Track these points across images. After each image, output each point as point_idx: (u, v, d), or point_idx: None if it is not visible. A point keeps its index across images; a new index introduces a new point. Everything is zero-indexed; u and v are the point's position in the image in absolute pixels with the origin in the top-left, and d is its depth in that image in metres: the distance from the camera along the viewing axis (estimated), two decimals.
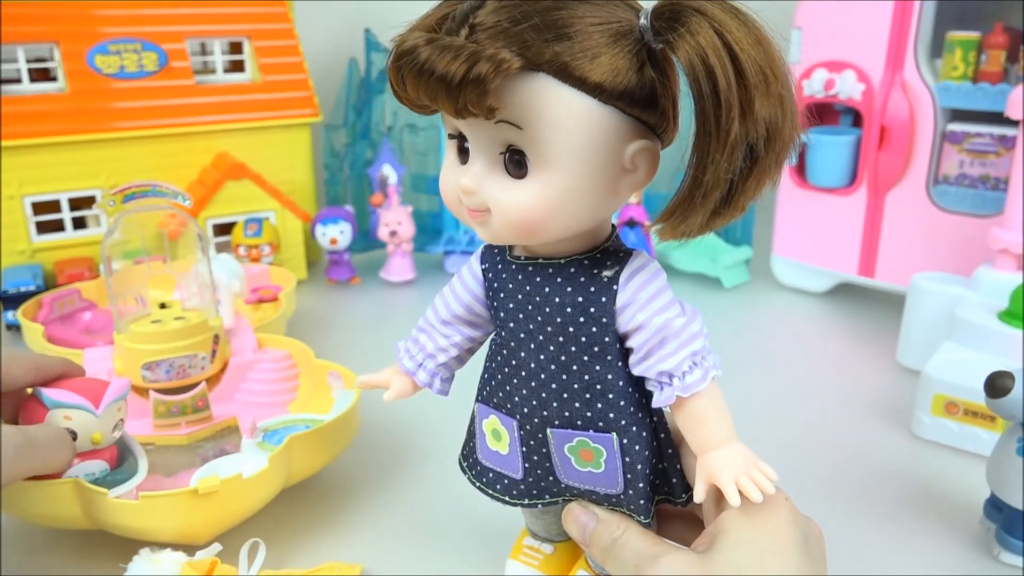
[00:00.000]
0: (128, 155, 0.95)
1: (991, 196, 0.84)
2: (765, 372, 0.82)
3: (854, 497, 0.60)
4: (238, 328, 0.73)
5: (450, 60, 0.32)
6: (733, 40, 0.32)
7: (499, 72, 0.32)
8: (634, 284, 0.38)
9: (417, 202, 1.10)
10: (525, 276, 0.40)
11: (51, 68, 0.95)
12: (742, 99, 0.32)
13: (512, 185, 0.36)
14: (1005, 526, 0.52)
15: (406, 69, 0.33)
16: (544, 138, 0.34)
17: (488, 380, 0.42)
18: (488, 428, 0.43)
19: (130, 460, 0.56)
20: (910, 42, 0.84)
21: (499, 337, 0.42)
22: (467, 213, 0.38)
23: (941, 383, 0.65)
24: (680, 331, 0.38)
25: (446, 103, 0.33)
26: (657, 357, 0.38)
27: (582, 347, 0.39)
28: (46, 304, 0.81)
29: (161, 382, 0.64)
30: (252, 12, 1.05)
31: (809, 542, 0.37)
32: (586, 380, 0.39)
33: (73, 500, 0.49)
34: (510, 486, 0.44)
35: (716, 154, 0.32)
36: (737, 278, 1.04)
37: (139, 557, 0.46)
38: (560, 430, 0.40)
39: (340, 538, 0.56)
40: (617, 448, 0.39)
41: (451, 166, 0.38)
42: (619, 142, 0.35)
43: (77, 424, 0.51)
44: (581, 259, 0.39)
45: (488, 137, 0.36)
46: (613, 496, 0.41)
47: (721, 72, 0.32)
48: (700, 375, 0.38)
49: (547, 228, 0.37)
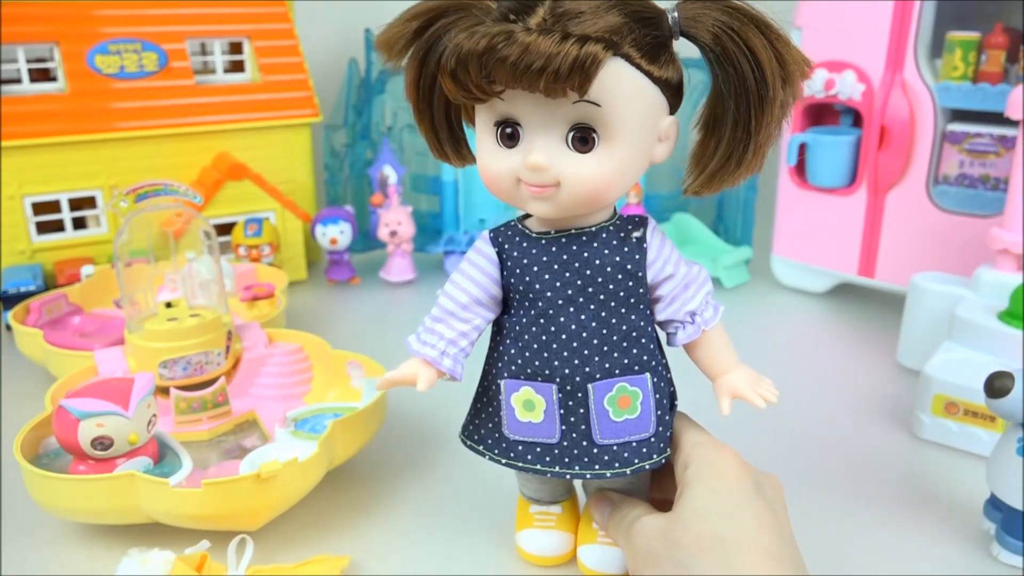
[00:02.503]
0: (128, 155, 0.95)
1: (991, 196, 0.84)
2: (765, 372, 0.81)
3: (854, 497, 0.60)
4: (247, 324, 0.73)
5: (555, 48, 0.35)
6: (753, 14, 0.38)
7: (603, 58, 0.36)
8: (657, 241, 0.45)
9: (417, 202, 1.10)
10: (559, 247, 0.44)
11: (51, 68, 0.95)
12: (782, 66, 0.38)
13: (581, 159, 0.40)
14: (1005, 526, 0.52)
15: (495, 59, 0.36)
16: (616, 114, 0.39)
17: (517, 355, 0.45)
18: (519, 401, 0.46)
19: (169, 455, 0.57)
20: (910, 42, 0.84)
21: (531, 311, 0.45)
22: (529, 191, 0.41)
23: (941, 383, 0.65)
24: (697, 276, 0.46)
25: (545, 86, 0.36)
26: (683, 300, 0.46)
27: (620, 300, 0.44)
28: (34, 309, 0.81)
29: (178, 379, 0.65)
30: (252, 12, 1.05)
31: (763, 487, 0.43)
32: (624, 330, 0.44)
33: (131, 492, 0.51)
34: (543, 453, 0.46)
35: (768, 118, 0.39)
36: (737, 278, 1.04)
37: (128, 558, 0.46)
38: (601, 382, 0.44)
39: (326, 531, 0.56)
40: (651, 387, 0.45)
41: (496, 151, 0.42)
42: (658, 117, 0.42)
43: (110, 429, 0.52)
44: (607, 226, 0.44)
45: (557, 117, 0.39)
46: (644, 441, 0.45)
47: (761, 45, 0.38)
48: (713, 311, 0.47)
49: (611, 194, 0.42)
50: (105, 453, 0.52)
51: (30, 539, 0.55)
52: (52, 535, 0.56)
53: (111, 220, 0.97)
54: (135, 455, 0.54)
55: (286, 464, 0.51)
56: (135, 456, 0.54)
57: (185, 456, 0.57)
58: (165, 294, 0.71)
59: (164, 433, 0.59)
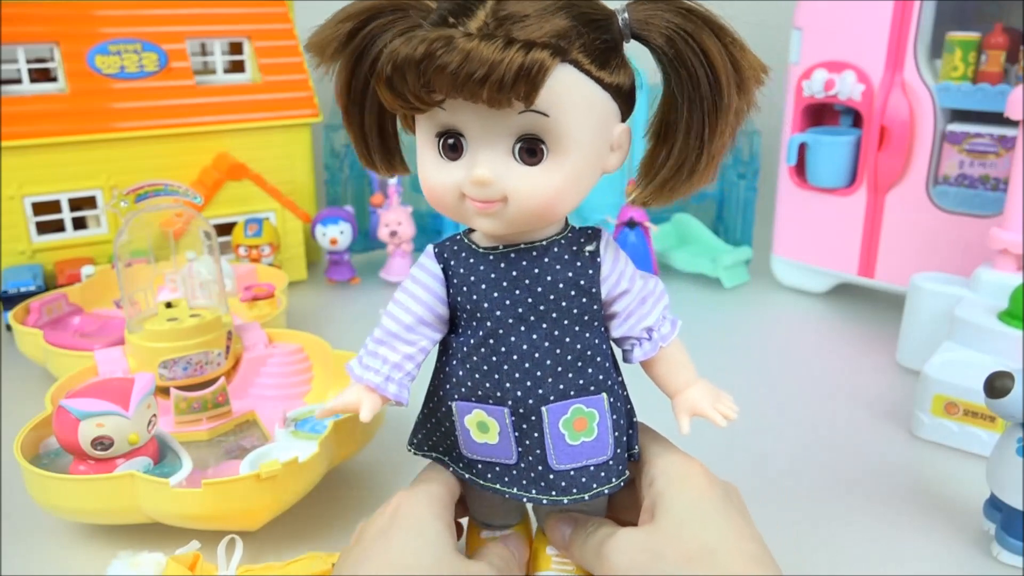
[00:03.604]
0: (128, 155, 0.96)
1: (991, 196, 0.84)
2: (765, 372, 0.82)
3: (854, 497, 0.60)
4: (247, 324, 0.74)
5: (498, 55, 0.33)
6: (708, 16, 0.36)
7: (550, 65, 0.34)
8: (610, 255, 0.42)
9: (417, 202, 1.10)
10: (508, 264, 0.41)
11: (51, 68, 0.95)
12: (736, 72, 0.36)
13: (529, 172, 0.38)
14: (1005, 526, 0.52)
15: (434, 67, 0.33)
16: (566, 124, 0.36)
17: (466, 377, 0.42)
18: (472, 423, 0.43)
19: (169, 456, 0.57)
20: (910, 42, 0.84)
21: (478, 331, 0.42)
22: (474, 207, 0.38)
23: (941, 383, 0.65)
24: (653, 291, 0.44)
25: (488, 96, 0.34)
26: (639, 315, 0.43)
27: (574, 318, 0.41)
28: (34, 309, 0.81)
29: (179, 379, 0.65)
30: (252, 12, 1.05)
31: (729, 495, 0.42)
32: (578, 349, 0.42)
33: (131, 492, 0.51)
34: (502, 472, 0.44)
35: (722, 125, 0.37)
36: (737, 278, 1.04)
37: (118, 560, 0.46)
38: (555, 404, 0.42)
39: (324, 531, 0.56)
40: (607, 408, 0.42)
41: (439, 164, 0.39)
42: (610, 125, 0.39)
43: (110, 429, 0.52)
44: (558, 239, 0.42)
45: (503, 127, 0.37)
46: (603, 465, 0.43)
47: (716, 50, 0.36)
48: (671, 326, 0.44)
49: (561, 208, 0.39)
50: (105, 453, 0.52)
51: (30, 539, 0.55)
52: (52, 535, 0.56)
53: (111, 220, 0.97)
54: (135, 455, 0.54)
55: (286, 464, 0.51)
56: (135, 456, 0.54)
57: (185, 456, 0.57)
58: (165, 294, 0.71)
59: (164, 433, 0.59)
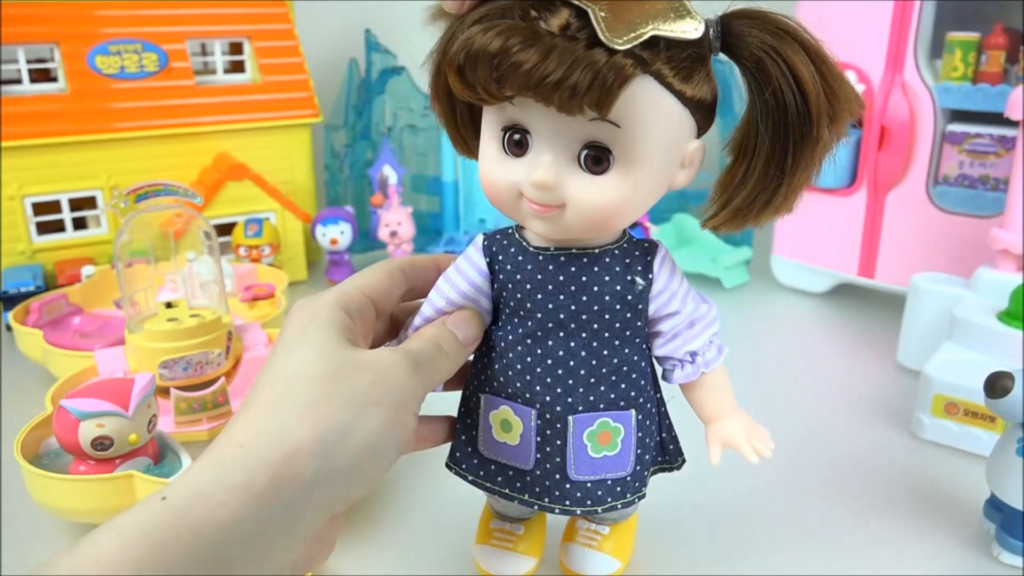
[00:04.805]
0: (128, 155, 0.96)
1: (991, 197, 0.84)
2: (765, 372, 0.82)
3: (854, 497, 0.60)
4: (247, 324, 0.73)
5: (576, 60, 0.31)
6: (806, 40, 0.34)
7: (630, 77, 0.32)
8: (665, 273, 0.41)
9: (417, 203, 1.10)
10: (557, 267, 0.40)
11: (51, 68, 0.95)
12: (830, 103, 0.34)
13: (592, 180, 0.36)
14: (1005, 526, 0.52)
15: (508, 64, 0.32)
16: (637, 137, 0.35)
17: (500, 372, 0.42)
18: (496, 419, 0.43)
19: (169, 456, 0.57)
20: (910, 43, 0.84)
21: (518, 328, 0.41)
22: (531, 208, 0.37)
23: (941, 383, 0.65)
24: (704, 315, 0.42)
25: (560, 101, 0.32)
26: (684, 338, 0.42)
27: (615, 331, 0.41)
28: (35, 310, 0.81)
29: (179, 380, 0.65)
30: (252, 12, 1.05)
31: None
32: (614, 363, 0.41)
33: (131, 493, 0.51)
34: (514, 478, 0.43)
35: (807, 159, 0.35)
36: (737, 278, 1.04)
37: None
38: (583, 415, 0.41)
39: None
40: (634, 425, 0.42)
41: (500, 159, 0.38)
42: (684, 141, 0.37)
43: (111, 430, 0.52)
44: (612, 249, 0.40)
45: (570, 133, 0.35)
46: (620, 480, 0.42)
47: (809, 76, 0.34)
48: (716, 352, 0.43)
49: (620, 222, 0.38)
50: (105, 453, 0.52)
51: (30, 539, 0.55)
52: (52, 535, 0.56)
53: (111, 220, 0.97)
54: (135, 455, 0.54)
55: None
56: (135, 456, 0.54)
57: (185, 456, 0.57)
58: (165, 294, 0.71)
59: (164, 433, 0.59)
